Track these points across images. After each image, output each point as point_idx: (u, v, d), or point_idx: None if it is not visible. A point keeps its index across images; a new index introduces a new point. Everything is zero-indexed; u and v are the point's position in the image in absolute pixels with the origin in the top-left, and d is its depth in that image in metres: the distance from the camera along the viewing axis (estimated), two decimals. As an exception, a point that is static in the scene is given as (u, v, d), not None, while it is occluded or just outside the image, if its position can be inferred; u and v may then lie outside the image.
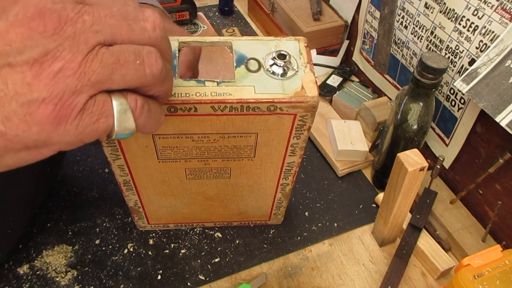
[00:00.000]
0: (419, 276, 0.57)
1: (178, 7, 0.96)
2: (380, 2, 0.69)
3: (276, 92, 0.39)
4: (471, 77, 0.52)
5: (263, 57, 0.40)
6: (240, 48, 0.41)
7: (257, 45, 0.41)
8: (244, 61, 0.40)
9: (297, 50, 0.42)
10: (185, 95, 0.38)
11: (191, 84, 0.38)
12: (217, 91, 0.38)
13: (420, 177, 0.49)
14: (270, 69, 0.40)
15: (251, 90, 0.39)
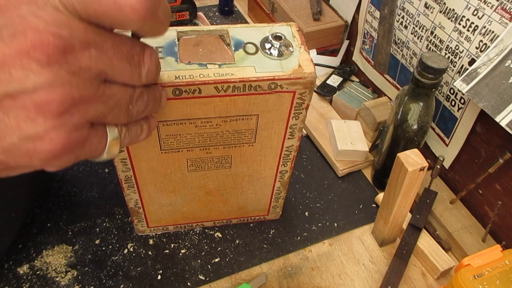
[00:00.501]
0: (419, 276, 0.57)
1: (178, 7, 0.96)
2: (380, 2, 0.69)
3: (276, 70, 0.40)
4: (471, 77, 0.52)
5: (259, 41, 0.42)
6: (236, 34, 0.42)
7: (252, 32, 0.43)
8: (242, 45, 0.42)
9: (290, 33, 0.44)
10: (189, 77, 0.38)
11: (193, 67, 0.39)
12: (219, 72, 0.39)
13: (420, 177, 0.49)
14: (268, 51, 0.41)
15: (252, 70, 0.40)
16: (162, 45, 0.40)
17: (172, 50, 0.40)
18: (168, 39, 0.41)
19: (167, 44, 0.40)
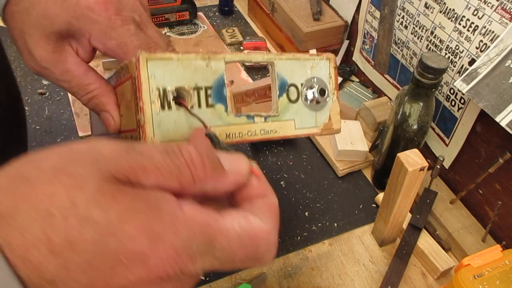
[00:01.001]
0: (419, 276, 0.57)
1: (178, 7, 0.96)
2: (380, 2, 0.69)
3: (310, 126, 0.42)
4: (471, 77, 0.52)
5: (302, 82, 0.42)
6: (281, 70, 0.41)
7: (295, 67, 0.41)
8: (285, 88, 0.41)
9: (327, 72, 0.43)
10: (238, 135, 0.38)
11: (242, 121, 0.38)
12: (265, 128, 0.40)
13: (420, 177, 0.49)
14: (307, 102, 0.42)
15: (292, 125, 0.41)
16: (211, 84, 0.37)
17: (221, 94, 0.37)
18: (217, 73, 0.37)
19: (216, 84, 0.37)
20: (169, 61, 0.34)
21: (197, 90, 0.36)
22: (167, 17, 0.96)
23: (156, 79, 0.34)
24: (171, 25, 0.97)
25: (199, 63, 0.36)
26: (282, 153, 0.72)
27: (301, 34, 0.81)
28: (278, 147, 0.73)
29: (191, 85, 0.36)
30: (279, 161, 0.70)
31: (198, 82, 0.36)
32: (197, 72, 0.36)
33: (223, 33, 0.97)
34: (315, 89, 0.41)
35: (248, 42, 0.91)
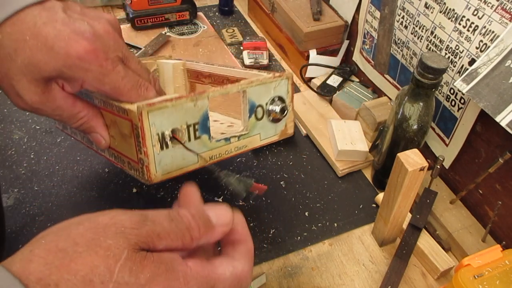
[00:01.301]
0: (419, 276, 0.57)
1: (178, 7, 0.96)
2: (380, 2, 0.69)
3: (271, 135, 0.52)
4: (471, 77, 0.52)
5: (266, 102, 0.50)
6: (251, 95, 0.48)
7: (262, 90, 0.49)
8: (254, 110, 0.49)
9: (286, 89, 0.51)
10: (218, 155, 0.47)
11: (221, 143, 0.47)
12: (238, 146, 0.49)
13: (420, 177, 0.49)
14: (270, 118, 0.51)
15: (258, 138, 0.51)
16: (198, 120, 0.44)
17: (206, 126, 0.45)
18: (203, 110, 0.44)
19: (201, 119, 0.44)
20: (165, 109, 0.40)
21: (188, 127, 0.43)
22: (167, 17, 0.96)
23: (155, 127, 0.40)
24: (171, 25, 0.97)
25: (189, 105, 0.42)
26: (282, 153, 0.72)
27: (301, 34, 0.81)
28: (278, 147, 0.73)
29: (183, 125, 0.42)
30: (279, 161, 0.70)
31: (188, 120, 0.43)
32: (187, 112, 0.42)
33: (223, 33, 0.97)
34: (277, 108, 0.50)
35: (248, 42, 0.91)
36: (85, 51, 0.37)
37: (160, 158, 0.42)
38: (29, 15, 0.37)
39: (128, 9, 0.93)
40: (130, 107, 0.40)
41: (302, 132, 0.76)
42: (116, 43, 0.40)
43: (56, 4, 0.39)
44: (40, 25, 0.37)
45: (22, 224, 0.58)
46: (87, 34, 0.38)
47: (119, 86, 0.40)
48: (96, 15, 0.41)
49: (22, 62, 0.37)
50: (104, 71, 0.39)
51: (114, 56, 0.40)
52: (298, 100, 0.79)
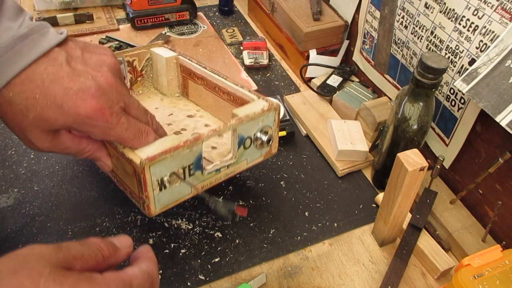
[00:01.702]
0: (419, 276, 0.57)
1: (178, 7, 0.96)
2: (380, 2, 0.69)
3: (257, 157, 0.57)
4: (471, 77, 0.52)
5: (254, 133, 0.54)
6: (241, 130, 0.52)
7: (251, 124, 0.53)
8: (243, 142, 0.53)
9: (273, 119, 0.55)
10: (209, 183, 0.53)
11: (212, 174, 0.52)
12: (227, 173, 0.54)
13: (420, 177, 0.49)
14: (256, 146, 0.55)
15: (245, 163, 0.56)
16: (192, 161, 0.49)
17: (199, 164, 0.50)
18: (197, 152, 0.49)
19: (195, 160, 0.49)
20: (164, 160, 0.45)
21: (184, 169, 0.48)
22: (167, 17, 0.96)
23: (156, 175, 0.46)
24: (171, 25, 0.97)
25: (185, 151, 0.47)
26: (282, 153, 0.72)
27: (301, 34, 0.81)
28: (278, 147, 0.72)
29: (180, 169, 0.48)
30: (279, 161, 0.70)
31: (184, 163, 0.48)
32: (183, 158, 0.47)
33: (223, 33, 0.97)
34: (265, 138, 0.54)
35: (248, 42, 0.91)
36: (93, 110, 0.41)
37: (159, 197, 0.48)
38: (36, 72, 0.40)
39: (128, 9, 0.93)
40: (133, 157, 0.44)
41: (302, 132, 0.76)
42: (118, 93, 0.43)
43: (59, 54, 0.42)
44: (48, 84, 0.40)
45: (22, 224, 0.58)
46: (93, 91, 0.41)
47: (123, 137, 0.44)
48: (98, 62, 0.44)
49: (33, 117, 0.41)
50: (110, 126, 0.43)
51: (117, 109, 0.43)
52: (298, 100, 0.79)
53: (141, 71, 0.72)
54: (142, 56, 0.70)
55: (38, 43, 0.41)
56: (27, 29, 0.41)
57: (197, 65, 0.66)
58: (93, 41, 0.90)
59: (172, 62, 0.69)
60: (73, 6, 0.96)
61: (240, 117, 0.51)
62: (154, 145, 0.46)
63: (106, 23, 0.95)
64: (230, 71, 0.87)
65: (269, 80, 0.86)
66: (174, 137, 0.48)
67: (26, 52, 0.40)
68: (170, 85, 0.72)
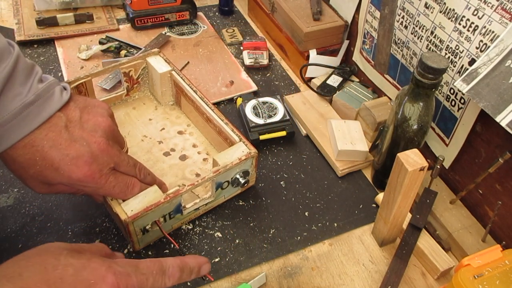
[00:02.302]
0: (419, 276, 0.57)
1: (178, 7, 0.96)
2: (380, 2, 0.69)
3: (235, 191, 0.63)
4: (471, 77, 0.52)
5: (232, 177, 0.59)
6: (218, 178, 0.57)
7: (229, 172, 0.58)
8: (221, 186, 0.59)
9: (250, 164, 0.60)
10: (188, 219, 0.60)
11: (191, 213, 0.59)
12: (205, 208, 0.61)
13: (420, 177, 0.49)
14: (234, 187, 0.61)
15: (223, 198, 0.62)
16: (173, 209, 0.55)
17: (179, 209, 0.56)
18: (177, 202, 0.55)
19: (175, 208, 0.55)
20: (146, 215, 0.51)
21: (164, 217, 0.55)
22: (167, 17, 0.96)
23: (138, 226, 0.52)
24: (171, 25, 0.97)
25: (166, 205, 0.53)
26: (282, 153, 0.72)
27: (301, 34, 0.81)
28: (278, 147, 0.73)
29: (161, 218, 0.54)
30: (279, 161, 0.70)
31: (164, 212, 0.54)
32: (164, 209, 0.53)
33: (223, 33, 0.97)
34: (242, 181, 0.60)
35: (248, 42, 0.91)
36: (84, 176, 0.47)
37: (142, 238, 0.55)
38: (38, 138, 0.45)
39: (128, 9, 0.93)
40: (119, 213, 0.50)
41: (302, 132, 0.76)
42: (109, 157, 0.49)
43: (60, 120, 0.47)
44: (48, 149, 0.45)
45: (22, 224, 0.58)
46: (86, 158, 0.47)
47: (111, 193, 0.50)
48: (94, 126, 0.49)
49: (33, 173, 0.47)
50: (99, 186, 0.49)
51: (107, 170, 0.49)
52: (298, 100, 0.79)
53: (137, 79, 0.73)
54: (138, 66, 0.72)
55: (43, 109, 0.46)
56: (34, 95, 0.45)
57: (188, 87, 0.69)
58: (93, 41, 0.90)
59: (166, 76, 0.71)
60: (73, 6, 0.96)
61: (218, 168, 0.56)
62: (138, 198, 0.52)
63: (106, 23, 0.95)
64: (230, 71, 0.87)
65: (269, 80, 0.86)
66: (156, 191, 0.53)
67: (31, 119, 0.45)
68: (164, 95, 0.74)
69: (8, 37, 0.90)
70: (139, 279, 0.38)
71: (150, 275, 0.39)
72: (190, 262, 0.43)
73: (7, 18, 0.96)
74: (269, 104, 0.75)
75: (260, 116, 0.72)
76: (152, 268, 0.39)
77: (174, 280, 0.41)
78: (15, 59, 0.45)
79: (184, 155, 0.68)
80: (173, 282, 0.41)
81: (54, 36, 0.90)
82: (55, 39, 0.90)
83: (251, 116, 0.72)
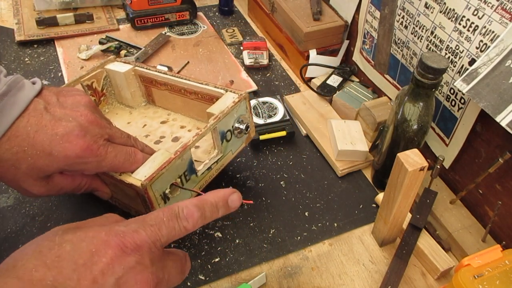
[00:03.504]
0: (419, 276, 0.57)
1: (178, 7, 0.96)
2: (380, 2, 0.69)
3: (240, 145, 0.61)
4: (471, 77, 0.52)
5: (233, 124, 0.58)
6: (220, 126, 0.55)
7: (227, 118, 0.56)
8: (224, 135, 0.57)
9: (245, 107, 0.59)
10: (205, 182, 0.57)
11: (205, 173, 0.56)
12: (218, 168, 0.58)
13: (420, 177, 0.49)
14: (237, 135, 0.59)
15: (231, 154, 0.60)
16: (186, 168, 0.52)
17: (192, 168, 0.53)
18: (188, 159, 0.52)
19: (188, 166, 0.52)
20: (162, 175, 0.48)
21: (180, 177, 0.52)
22: (167, 17, 0.96)
23: (158, 191, 0.48)
24: (171, 25, 0.97)
25: (177, 162, 0.50)
26: (282, 153, 0.72)
27: (301, 34, 0.81)
28: (278, 147, 0.73)
29: (177, 178, 0.51)
30: (279, 161, 0.70)
31: (179, 172, 0.51)
32: (177, 168, 0.50)
33: (223, 33, 0.97)
34: (243, 126, 0.58)
35: (248, 42, 0.91)
36: (81, 149, 0.44)
37: None
38: (20, 127, 0.42)
39: (128, 9, 0.93)
40: (133, 182, 0.47)
41: (302, 132, 0.76)
42: (100, 127, 0.46)
43: (38, 104, 0.44)
44: (34, 135, 0.42)
45: (22, 224, 0.58)
46: (77, 132, 0.44)
47: (115, 164, 0.47)
48: (73, 103, 0.47)
49: (26, 168, 0.43)
50: (100, 158, 0.46)
51: (102, 141, 0.46)
52: (298, 100, 0.79)
53: (102, 90, 0.71)
54: (99, 76, 0.70)
55: (18, 98, 0.43)
56: (6, 86, 0.43)
57: (157, 72, 0.68)
58: (93, 41, 0.91)
59: (130, 75, 0.70)
60: (73, 6, 0.96)
61: (217, 115, 0.54)
62: (147, 165, 0.50)
63: (106, 23, 0.95)
64: (230, 71, 0.87)
65: (269, 80, 0.86)
66: (164, 152, 0.51)
67: (8, 110, 0.42)
68: (134, 97, 0.72)
69: (8, 37, 0.91)
70: (149, 231, 0.33)
71: (161, 223, 0.34)
72: (210, 197, 0.38)
73: (7, 18, 0.96)
74: (269, 104, 0.75)
75: (260, 116, 0.72)
76: (161, 216, 0.35)
77: (194, 221, 0.36)
78: None
79: (176, 137, 0.66)
80: (193, 224, 0.36)
81: (54, 36, 0.90)
82: (55, 39, 0.90)
83: (251, 116, 0.72)
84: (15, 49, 0.88)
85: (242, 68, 0.88)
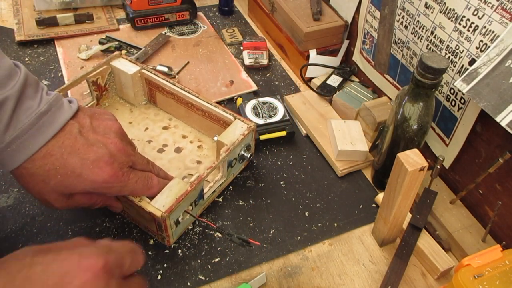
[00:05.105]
0: (419, 276, 0.57)
1: (178, 7, 0.96)
2: (380, 2, 0.69)
3: (240, 167, 0.66)
4: (471, 77, 0.52)
5: (239, 153, 0.62)
6: (229, 156, 0.59)
7: (236, 149, 0.60)
8: (230, 163, 0.61)
9: (251, 137, 0.63)
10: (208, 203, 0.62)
11: (210, 196, 0.61)
12: (219, 189, 0.63)
13: (420, 177, 0.49)
14: (240, 161, 0.64)
15: (232, 176, 0.65)
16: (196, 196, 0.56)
17: (201, 195, 0.58)
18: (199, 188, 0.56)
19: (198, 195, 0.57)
20: (178, 205, 0.52)
21: (191, 204, 0.56)
22: (167, 17, 0.96)
23: (173, 219, 0.53)
24: (171, 25, 0.97)
25: (192, 193, 0.54)
26: (282, 153, 0.72)
27: (301, 34, 0.81)
28: (278, 147, 0.73)
29: (189, 206, 0.56)
30: (279, 161, 0.70)
31: (191, 200, 0.55)
32: (191, 196, 0.55)
33: (223, 33, 0.97)
34: (247, 155, 0.63)
35: (248, 42, 0.91)
36: (108, 176, 0.47)
37: (176, 231, 0.56)
38: (55, 147, 0.45)
39: (128, 9, 0.93)
40: (153, 211, 0.51)
41: (302, 132, 0.76)
42: (126, 156, 0.50)
43: (73, 127, 0.47)
44: (67, 156, 0.46)
45: (22, 224, 0.58)
46: (106, 158, 0.47)
47: (134, 188, 0.51)
48: (105, 129, 0.50)
49: (54, 184, 0.46)
50: (123, 184, 0.49)
51: (126, 169, 0.50)
52: (298, 100, 0.79)
53: (104, 85, 0.73)
54: (104, 72, 0.71)
55: (56, 118, 0.46)
56: (47, 105, 0.46)
57: (165, 81, 0.69)
58: (93, 41, 0.90)
59: (136, 76, 0.71)
60: (73, 6, 0.96)
61: (228, 147, 0.58)
62: (164, 193, 0.53)
63: (106, 23, 0.95)
64: (230, 71, 0.87)
65: (269, 80, 0.86)
66: (179, 181, 0.54)
67: (47, 128, 0.45)
68: (136, 96, 0.74)
69: (8, 37, 0.91)
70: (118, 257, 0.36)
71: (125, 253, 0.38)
72: None
73: (7, 18, 0.96)
74: (269, 104, 0.75)
75: (260, 116, 0.72)
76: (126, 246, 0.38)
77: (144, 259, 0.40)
78: (24, 75, 0.46)
79: (178, 147, 0.69)
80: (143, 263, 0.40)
81: (54, 36, 0.90)
82: (55, 39, 0.90)
83: (251, 116, 0.72)
84: (15, 49, 0.88)
85: (242, 68, 0.88)
